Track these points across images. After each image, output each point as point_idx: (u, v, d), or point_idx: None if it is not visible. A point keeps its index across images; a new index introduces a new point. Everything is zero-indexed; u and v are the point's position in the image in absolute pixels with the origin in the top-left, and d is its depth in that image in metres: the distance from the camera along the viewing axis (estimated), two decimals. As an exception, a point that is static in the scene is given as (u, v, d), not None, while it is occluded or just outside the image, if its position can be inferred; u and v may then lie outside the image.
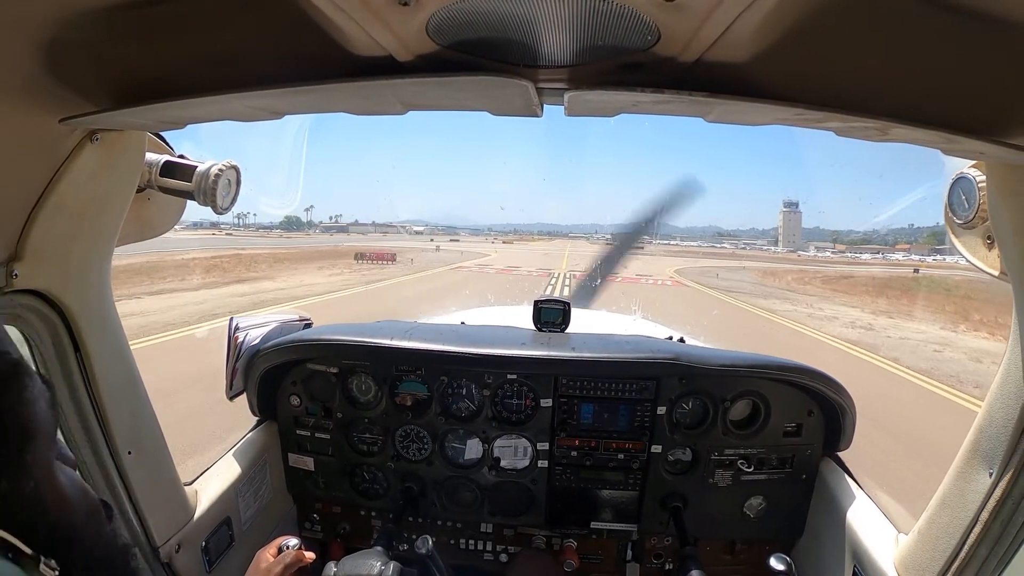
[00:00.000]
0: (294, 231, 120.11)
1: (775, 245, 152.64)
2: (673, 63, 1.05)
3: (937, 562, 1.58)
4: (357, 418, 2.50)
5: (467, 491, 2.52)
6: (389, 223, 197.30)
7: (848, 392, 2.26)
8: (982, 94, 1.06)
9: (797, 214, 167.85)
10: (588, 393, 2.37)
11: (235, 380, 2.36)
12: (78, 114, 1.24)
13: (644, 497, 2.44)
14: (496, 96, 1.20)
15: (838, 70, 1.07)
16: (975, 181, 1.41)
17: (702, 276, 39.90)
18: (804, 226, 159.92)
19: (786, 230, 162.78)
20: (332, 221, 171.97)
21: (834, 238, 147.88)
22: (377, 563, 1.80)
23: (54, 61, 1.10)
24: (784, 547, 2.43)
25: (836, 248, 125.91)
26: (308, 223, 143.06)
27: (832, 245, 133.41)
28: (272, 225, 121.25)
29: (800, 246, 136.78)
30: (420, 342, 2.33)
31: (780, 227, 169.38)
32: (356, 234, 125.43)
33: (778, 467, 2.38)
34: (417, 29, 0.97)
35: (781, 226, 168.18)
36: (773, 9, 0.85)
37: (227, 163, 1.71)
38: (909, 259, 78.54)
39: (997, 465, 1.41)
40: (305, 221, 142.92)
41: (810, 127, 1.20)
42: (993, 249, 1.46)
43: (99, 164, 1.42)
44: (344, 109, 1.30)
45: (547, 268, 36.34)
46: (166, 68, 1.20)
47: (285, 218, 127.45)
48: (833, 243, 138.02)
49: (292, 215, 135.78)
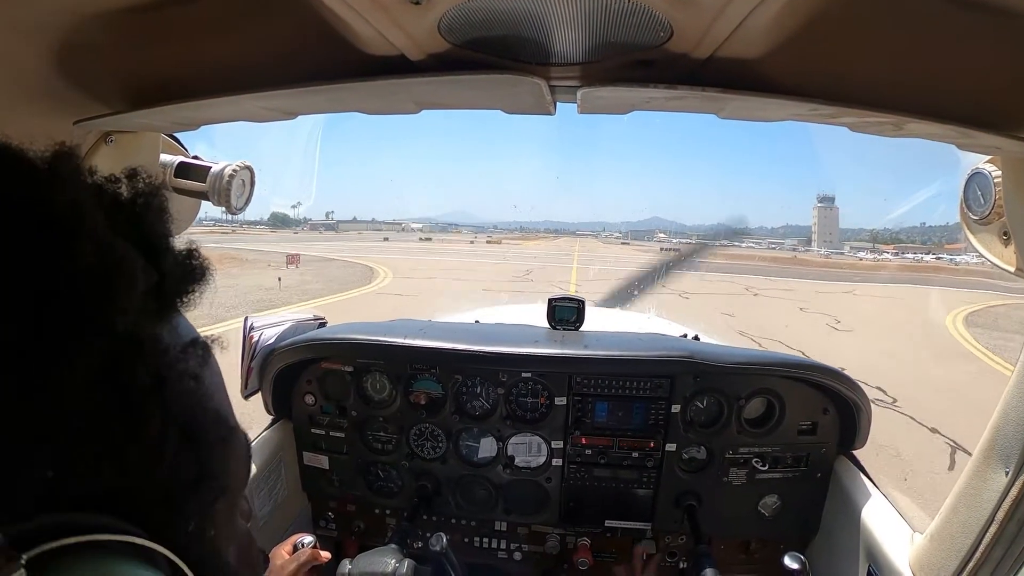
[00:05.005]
0: (282, 228, 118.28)
1: (808, 245, 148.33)
2: (686, 59, 1.05)
3: (952, 562, 1.56)
4: (371, 416, 2.50)
5: (481, 489, 2.52)
6: (395, 220, 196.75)
7: (863, 390, 2.25)
8: (998, 89, 1.05)
9: (834, 210, 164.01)
10: (603, 391, 2.37)
11: (250, 379, 2.38)
12: (92, 116, 1.25)
13: (658, 495, 2.44)
14: (509, 94, 1.20)
15: (852, 65, 1.06)
16: (991, 177, 1.39)
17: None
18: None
19: (821, 228, 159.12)
20: (327, 218, 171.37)
21: (873, 237, 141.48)
22: (392, 561, 1.80)
23: (68, 64, 1.11)
24: (798, 546, 2.42)
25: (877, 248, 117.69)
26: (296, 220, 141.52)
27: (871, 245, 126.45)
28: (260, 221, 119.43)
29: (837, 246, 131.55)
30: (434, 340, 2.33)
31: (814, 225, 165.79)
32: (346, 232, 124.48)
33: (793, 466, 2.37)
34: (429, 28, 0.97)
35: (815, 224, 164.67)
36: (786, 5, 0.84)
37: (241, 163, 1.71)
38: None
39: (1014, 464, 1.40)
40: (293, 218, 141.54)
41: (824, 122, 1.19)
42: (1010, 245, 1.45)
43: (113, 166, 1.42)
44: (357, 109, 1.30)
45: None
46: (179, 70, 1.21)
47: (272, 215, 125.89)
48: (872, 243, 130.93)
49: (279, 212, 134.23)
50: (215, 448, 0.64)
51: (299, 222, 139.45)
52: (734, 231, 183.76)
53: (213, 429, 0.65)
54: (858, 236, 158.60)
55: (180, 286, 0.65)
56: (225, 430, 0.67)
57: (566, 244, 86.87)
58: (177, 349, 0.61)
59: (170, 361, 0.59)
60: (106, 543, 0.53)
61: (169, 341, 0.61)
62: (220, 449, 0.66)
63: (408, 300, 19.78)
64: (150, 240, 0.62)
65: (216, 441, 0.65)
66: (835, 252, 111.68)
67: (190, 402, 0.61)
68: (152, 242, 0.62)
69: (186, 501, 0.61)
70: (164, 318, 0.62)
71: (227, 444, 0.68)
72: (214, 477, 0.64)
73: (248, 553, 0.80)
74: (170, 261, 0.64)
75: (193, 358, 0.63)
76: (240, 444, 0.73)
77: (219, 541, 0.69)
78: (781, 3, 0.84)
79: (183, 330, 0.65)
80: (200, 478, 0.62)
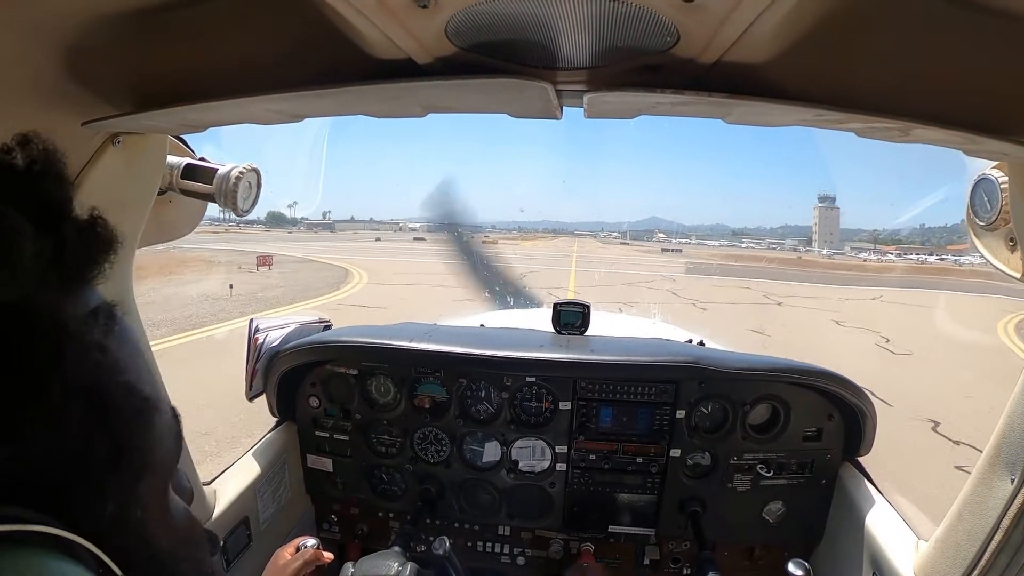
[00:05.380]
0: (277, 227, 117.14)
1: (808, 245, 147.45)
2: (692, 64, 1.05)
3: (957, 569, 1.56)
4: (376, 420, 2.51)
5: (485, 493, 2.52)
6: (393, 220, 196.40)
7: (868, 396, 2.24)
8: (1005, 94, 1.05)
9: (834, 210, 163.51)
10: (607, 396, 2.37)
11: (255, 381, 2.38)
12: (100, 117, 1.26)
13: (662, 501, 2.43)
14: (515, 98, 1.20)
15: (859, 71, 1.06)
16: (997, 182, 1.39)
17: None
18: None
19: (822, 228, 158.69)
20: (323, 218, 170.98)
21: (874, 238, 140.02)
22: (395, 564, 1.80)
23: (76, 65, 1.11)
24: (803, 552, 2.41)
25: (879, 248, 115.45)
26: (292, 219, 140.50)
27: (873, 246, 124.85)
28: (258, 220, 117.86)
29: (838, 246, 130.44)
30: (439, 344, 2.34)
31: (815, 225, 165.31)
32: (341, 232, 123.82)
33: (797, 472, 2.36)
34: (436, 31, 0.97)
35: (816, 224, 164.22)
36: (792, 10, 0.84)
37: (248, 166, 1.72)
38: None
39: (1019, 472, 1.39)
40: (289, 217, 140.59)
41: (831, 128, 1.19)
42: (1016, 251, 1.45)
43: (121, 167, 1.43)
44: (363, 112, 1.30)
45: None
46: (187, 72, 1.21)
47: (269, 214, 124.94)
48: (874, 244, 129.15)
49: (275, 211, 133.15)
50: (130, 421, 0.62)
51: (296, 221, 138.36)
52: (733, 231, 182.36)
53: (125, 401, 0.61)
54: (857, 237, 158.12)
55: (81, 255, 0.62)
56: (140, 402, 0.63)
57: (564, 245, 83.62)
58: (78, 320, 0.59)
59: (71, 332, 0.57)
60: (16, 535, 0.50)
61: (71, 311, 0.58)
62: (137, 422, 0.63)
63: (372, 314, 17.11)
64: (47, 208, 0.60)
65: (131, 413, 0.62)
66: (837, 253, 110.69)
67: (96, 373, 0.59)
68: (49, 210, 0.60)
69: (103, 480, 0.59)
70: (64, 288, 0.59)
71: (144, 416, 0.64)
72: (132, 452, 0.61)
73: (189, 534, 0.77)
74: (70, 229, 0.61)
75: (97, 328, 0.60)
76: (164, 417, 0.69)
77: (149, 523, 0.66)
78: (787, 9, 0.84)
79: (86, 300, 0.62)
80: (116, 454, 0.59)
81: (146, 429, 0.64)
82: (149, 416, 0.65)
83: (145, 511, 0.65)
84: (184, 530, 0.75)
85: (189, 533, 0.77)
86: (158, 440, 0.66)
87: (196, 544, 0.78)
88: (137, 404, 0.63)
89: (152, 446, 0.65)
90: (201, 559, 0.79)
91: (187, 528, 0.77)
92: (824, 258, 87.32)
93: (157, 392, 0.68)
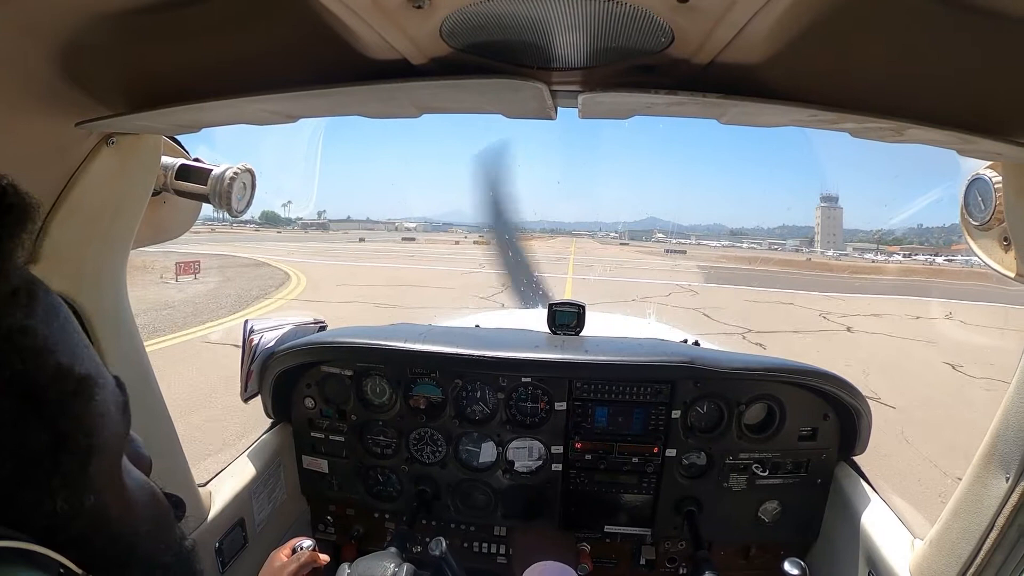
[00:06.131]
0: (270, 227, 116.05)
1: (810, 245, 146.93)
2: (687, 65, 1.05)
3: (953, 568, 1.56)
4: (371, 420, 2.50)
5: (481, 494, 2.52)
6: (390, 219, 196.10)
7: (864, 396, 2.25)
8: (999, 94, 1.05)
9: (837, 210, 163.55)
10: (602, 396, 2.37)
11: (250, 382, 2.38)
12: (94, 118, 1.26)
13: (658, 501, 2.44)
14: (510, 99, 1.20)
15: (853, 71, 1.06)
16: (991, 182, 1.40)
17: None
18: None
19: (824, 228, 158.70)
20: (319, 217, 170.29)
21: (877, 238, 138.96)
22: (391, 565, 1.80)
23: (70, 66, 1.11)
24: (799, 552, 2.41)
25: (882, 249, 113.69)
26: (287, 219, 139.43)
27: (876, 247, 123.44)
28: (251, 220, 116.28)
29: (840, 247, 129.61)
30: (434, 345, 2.33)
31: (817, 225, 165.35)
32: (334, 232, 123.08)
33: (793, 471, 2.37)
34: (431, 32, 0.97)
35: (819, 224, 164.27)
36: (787, 10, 0.85)
37: (242, 166, 1.72)
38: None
39: (1014, 470, 1.40)
40: (284, 217, 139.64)
41: (825, 128, 1.19)
42: (1010, 251, 1.45)
43: (115, 167, 1.43)
44: (358, 112, 1.30)
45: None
46: (181, 72, 1.21)
47: (263, 213, 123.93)
48: (877, 244, 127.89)
49: (269, 210, 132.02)
50: (67, 405, 0.57)
51: (290, 221, 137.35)
52: (731, 231, 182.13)
53: (58, 384, 0.57)
54: (855, 237, 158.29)
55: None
56: (75, 382, 0.59)
57: (562, 246, 74.15)
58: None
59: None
60: None
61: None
62: (73, 405, 0.58)
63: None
64: None
65: (66, 397, 0.57)
66: (842, 254, 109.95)
67: (21, 360, 0.54)
68: None
69: (47, 475, 0.55)
70: None
71: (81, 397, 0.59)
72: (75, 439, 0.57)
73: (150, 506, 0.72)
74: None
75: (18, 309, 0.55)
76: (104, 394, 0.63)
77: (106, 506, 0.62)
78: (782, 10, 0.84)
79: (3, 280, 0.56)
80: (57, 444, 0.55)
81: (87, 410, 0.60)
82: (88, 395, 0.60)
83: (99, 495, 0.61)
84: (145, 504, 0.72)
85: (151, 505, 0.73)
86: (101, 419, 0.62)
87: (160, 516, 0.75)
88: (73, 385, 0.59)
89: (95, 427, 0.60)
90: (167, 528, 0.76)
91: (148, 501, 0.73)
92: (831, 259, 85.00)
93: (96, 366, 0.64)
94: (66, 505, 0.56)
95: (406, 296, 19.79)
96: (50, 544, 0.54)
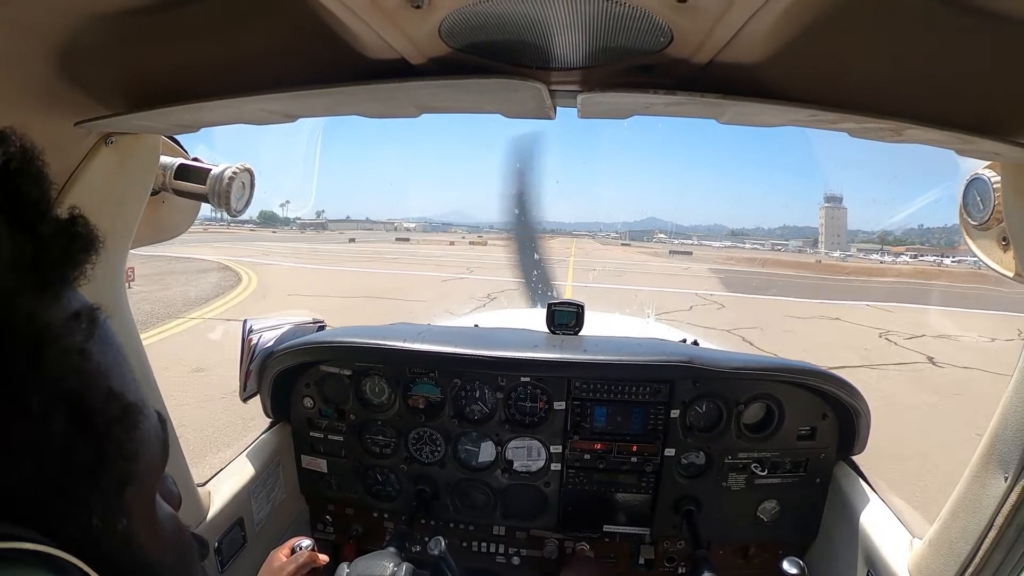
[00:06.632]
0: (268, 227, 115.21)
1: (814, 246, 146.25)
2: (686, 64, 1.05)
3: (952, 567, 1.56)
4: (370, 420, 2.50)
5: (480, 493, 2.52)
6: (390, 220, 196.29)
7: (862, 395, 2.25)
8: (998, 94, 1.05)
9: (841, 210, 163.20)
10: (601, 396, 2.37)
11: (249, 382, 2.38)
12: (93, 117, 1.25)
13: (657, 500, 2.43)
14: (509, 99, 1.20)
15: (852, 71, 1.06)
16: (990, 182, 1.40)
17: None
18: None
19: (828, 229, 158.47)
20: (317, 217, 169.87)
21: (882, 239, 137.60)
22: (390, 564, 1.80)
23: (69, 65, 1.11)
24: (797, 551, 2.41)
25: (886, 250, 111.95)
26: (285, 219, 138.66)
27: (880, 247, 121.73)
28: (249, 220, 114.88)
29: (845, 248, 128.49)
30: (433, 344, 2.33)
31: (821, 225, 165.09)
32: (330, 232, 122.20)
33: (792, 471, 2.37)
34: (430, 32, 0.97)
35: (823, 224, 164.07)
36: (786, 10, 0.85)
37: (241, 166, 1.72)
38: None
39: (1013, 469, 1.40)
40: (282, 217, 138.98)
41: (824, 128, 1.19)
42: (1009, 251, 1.45)
43: (114, 167, 1.43)
44: (357, 112, 1.30)
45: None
46: (180, 72, 1.21)
47: (261, 213, 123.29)
48: (882, 245, 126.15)
49: (267, 210, 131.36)
50: (112, 429, 0.59)
51: (289, 221, 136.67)
52: (731, 231, 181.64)
53: (107, 408, 0.59)
54: (857, 238, 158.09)
55: (62, 256, 0.59)
56: (123, 408, 0.61)
57: (562, 247, 65.26)
58: (59, 323, 0.56)
59: (51, 336, 0.54)
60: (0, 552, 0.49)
61: (50, 315, 0.56)
62: (119, 430, 0.60)
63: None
64: (24, 207, 0.56)
65: (113, 421, 0.59)
66: (848, 255, 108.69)
67: (77, 380, 0.56)
68: (26, 209, 0.57)
69: (86, 491, 0.57)
70: (44, 290, 0.56)
71: (127, 424, 0.61)
72: (115, 462, 0.59)
73: (177, 541, 0.74)
74: (48, 229, 0.58)
75: (78, 332, 0.57)
76: (147, 424, 0.66)
77: (135, 532, 0.64)
78: (781, 9, 0.84)
79: (67, 303, 0.59)
80: (98, 463, 0.57)
81: (130, 437, 0.62)
82: (133, 423, 0.62)
83: (131, 520, 0.63)
84: (172, 538, 0.73)
85: (177, 540, 0.75)
86: (143, 447, 0.64)
87: (184, 552, 0.77)
88: (120, 411, 0.61)
89: (136, 454, 0.62)
90: (190, 565, 0.78)
91: (175, 536, 0.75)
92: (839, 261, 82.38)
93: (142, 398, 0.66)
94: (100, 523, 0.58)
95: (361, 311, 16.98)
96: (78, 558, 0.55)
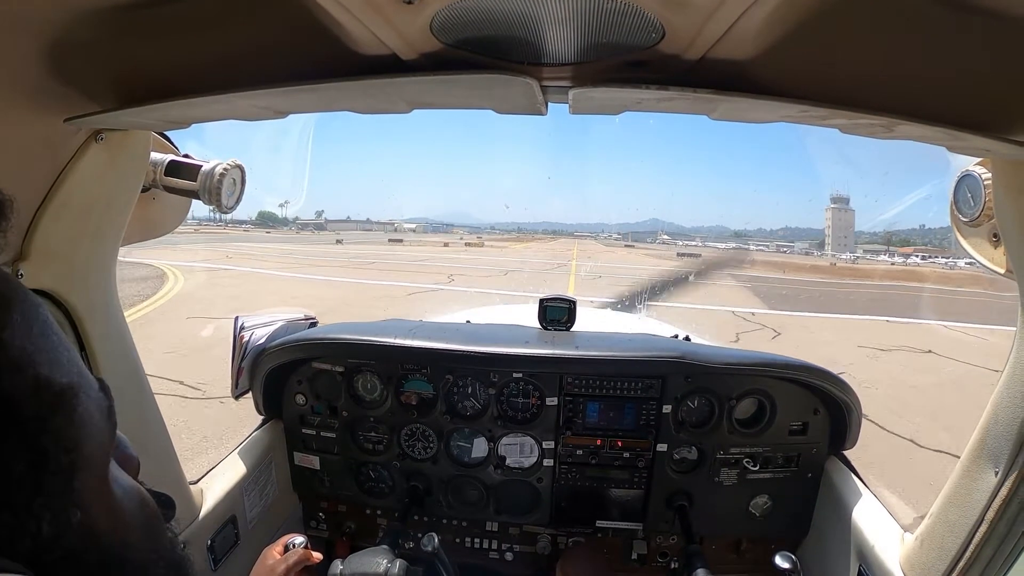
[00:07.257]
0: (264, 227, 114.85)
1: (820, 248, 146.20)
2: (678, 60, 1.05)
3: (943, 561, 1.57)
4: (363, 417, 2.50)
5: (473, 490, 2.52)
6: (390, 220, 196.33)
7: (854, 391, 2.26)
8: (988, 90, 1.05)
9: (848, 212, 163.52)
10: (594, 392, 2.37)
11: (240, 379, 2.37)
12: (83, 114, 1.25)
13: (650, 496, 2.44)
14: (501, 94, 1.20)
15: (843, 67, 1.06)
16: (981, 179, 1.40)
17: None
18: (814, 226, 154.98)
19: (835, 230, 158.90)
20: (317, 217, 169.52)
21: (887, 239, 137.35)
22: (383, 561, 1.80)
23: (59, 61, 1.10)
24: (790, 546, 2.43)
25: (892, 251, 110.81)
26: (284, 219, 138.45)
27: (886, 248, 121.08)
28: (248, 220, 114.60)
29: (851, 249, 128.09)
30: (425, 341, 2.33)
31: (828, 227, 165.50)
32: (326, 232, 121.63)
33: (784, 466, 2.38)
34: (421, 27, 0.97)
35: (829, 226, 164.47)
36: (777, 7, 0.85)
37: (232, 162, 1.71)
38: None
39: (1003, 464, 1.40)
40: (281, 217, 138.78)
41: (815, 124, 1.19)
42: (999, 247, 1.46)
43: (104, 164, 1.42)
44: (348, 108, 1.29)
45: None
46: (171, 68, 1.20)
47: (259, 213, 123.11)
48: (888, 246, 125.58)
49: (266, 211, 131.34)
50: (46, 422, 0.53)
51: (287, 221, 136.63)
52: (734, 232, 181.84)
53: (35, 399, 0.53)
54: (859, 239, 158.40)
55: None
56: (55, 395, 0.55)
57: (562, 248, 66.92)
58: None
59: None
60: None
61: None
62: (53, 420, 0.54)
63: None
64: None
65: (47, 412, 0.54)
66: (857, 256, 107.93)
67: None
68: None
69: (28, 499, 0.51)
70: None
71: (61, 411, 0.55)
72: (57, 457, 0.54)
73: (140, 513, 0.68)
74: None
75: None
76: (87, 403, 0.59)
77: (94, 522, 0.59)
78: (772, 6, 0.84)
79: None
80: (38, 465, 0.52)
81: (70, 422, 0.56)
82: (69, 407, 0.56)
83: (85, 510, 0.57)
84: (133, 511, 0.67)
85: (139, 512, 0.69)
86: (85, 430, 0.58)
87: (149, 521, 0.70)
88: (53, 399, 0.55)
89: (78, 441, 0.57)
90: (158, 534, 0.72)
91: (138, 510, 0.68)
92: (850, 263, 79.95)
93: (78, 373, 0.59)
94: (51, 528, 0.53)
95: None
96: (38, 566, 0.51)
